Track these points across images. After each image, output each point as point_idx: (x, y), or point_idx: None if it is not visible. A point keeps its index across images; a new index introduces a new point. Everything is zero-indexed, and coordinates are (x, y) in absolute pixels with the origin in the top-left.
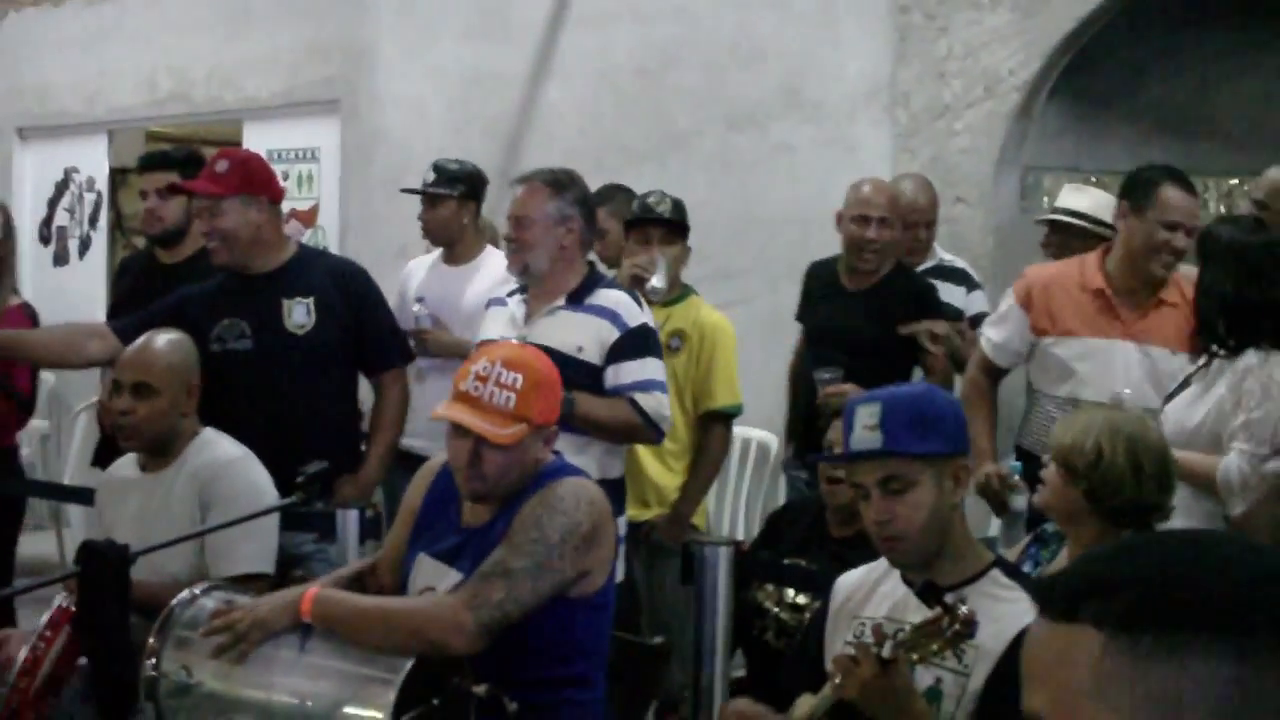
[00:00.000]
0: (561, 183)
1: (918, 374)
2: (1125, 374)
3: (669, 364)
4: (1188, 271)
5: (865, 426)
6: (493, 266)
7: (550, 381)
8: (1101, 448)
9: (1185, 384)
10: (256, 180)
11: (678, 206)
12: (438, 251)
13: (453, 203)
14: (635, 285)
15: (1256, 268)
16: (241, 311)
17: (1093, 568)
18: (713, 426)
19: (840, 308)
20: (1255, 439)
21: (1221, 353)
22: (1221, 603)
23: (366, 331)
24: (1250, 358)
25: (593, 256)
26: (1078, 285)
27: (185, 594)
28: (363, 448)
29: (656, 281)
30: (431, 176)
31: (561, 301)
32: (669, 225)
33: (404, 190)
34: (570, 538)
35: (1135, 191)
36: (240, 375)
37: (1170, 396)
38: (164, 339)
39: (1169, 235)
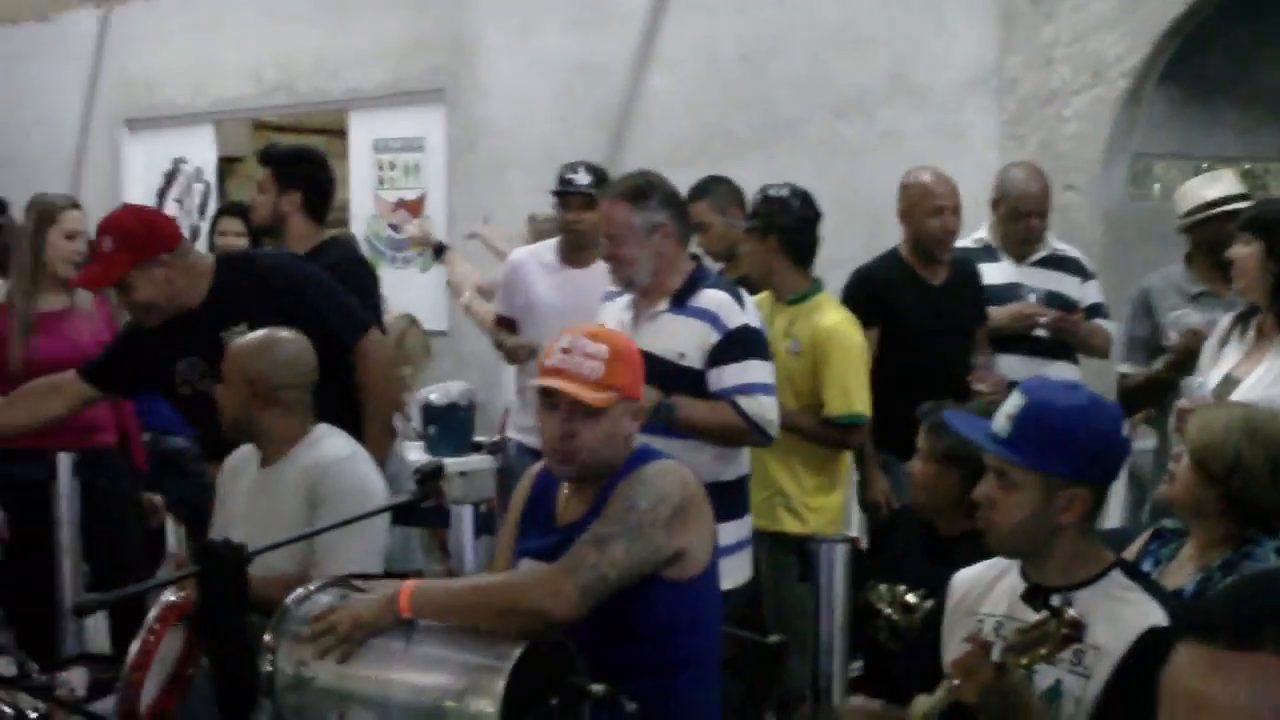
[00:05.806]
0: (642, 190)
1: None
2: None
3: (791, 368)
4: None
5: (1006, 414)
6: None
7: (632, 356)
8: (1241, 451)
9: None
10: (142, 243)
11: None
12: (550, 246)
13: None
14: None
15: None
16: (192, 350)
17: (1270, 595)
18: (831, 435)
19: (933, 302)
20: None
21: None
22: None
23: (310, 326)
24: None
25: (696, 250)
26: None
27: (300, 591)
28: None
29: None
30: (586, 179)
31: (665, 305)
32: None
33: (559, 192)
34: (661, 506)
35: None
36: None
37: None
38: (254, 336)
39: None
